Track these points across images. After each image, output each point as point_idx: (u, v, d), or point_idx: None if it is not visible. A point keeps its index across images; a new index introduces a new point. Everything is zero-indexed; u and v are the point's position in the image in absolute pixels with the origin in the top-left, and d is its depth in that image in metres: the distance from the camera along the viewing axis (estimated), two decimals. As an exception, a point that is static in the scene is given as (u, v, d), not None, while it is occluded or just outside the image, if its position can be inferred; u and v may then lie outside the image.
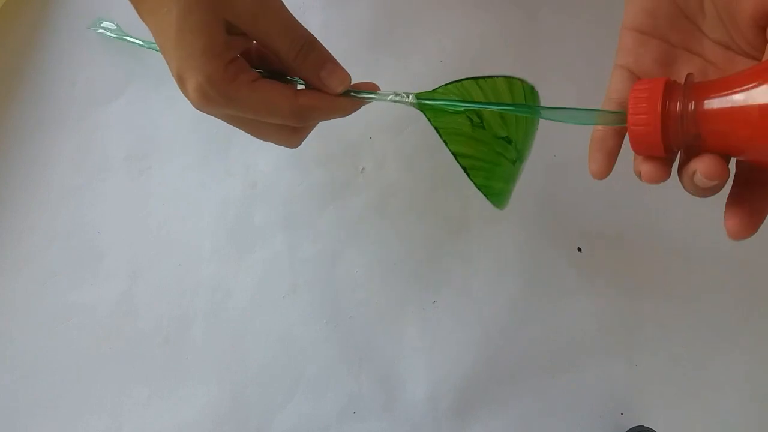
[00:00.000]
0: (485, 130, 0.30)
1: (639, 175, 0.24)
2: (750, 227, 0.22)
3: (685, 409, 0.43)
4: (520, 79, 0.31)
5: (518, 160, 0.32)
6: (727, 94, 0.20)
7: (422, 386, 0.44)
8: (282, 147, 0.34)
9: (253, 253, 0.46)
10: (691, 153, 0.22)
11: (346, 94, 0.30)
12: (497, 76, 0.30)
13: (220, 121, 0.31)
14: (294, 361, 0.44)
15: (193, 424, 0.43)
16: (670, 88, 0.22)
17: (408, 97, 0.29)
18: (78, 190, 0.47)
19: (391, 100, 0.30)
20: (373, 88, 0.31)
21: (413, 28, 0.50)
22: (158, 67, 0.50)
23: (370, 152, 0.48)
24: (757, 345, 0.44)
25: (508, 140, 0.31)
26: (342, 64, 0.30)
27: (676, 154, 0.23)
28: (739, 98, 0.19)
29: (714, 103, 0.20)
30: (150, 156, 0.48)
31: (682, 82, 0.22)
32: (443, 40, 0.50)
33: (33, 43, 0.51)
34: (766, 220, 0.23)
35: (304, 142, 0.34)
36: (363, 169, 0.47)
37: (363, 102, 0.31)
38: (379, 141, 0.48)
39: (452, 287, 0.45)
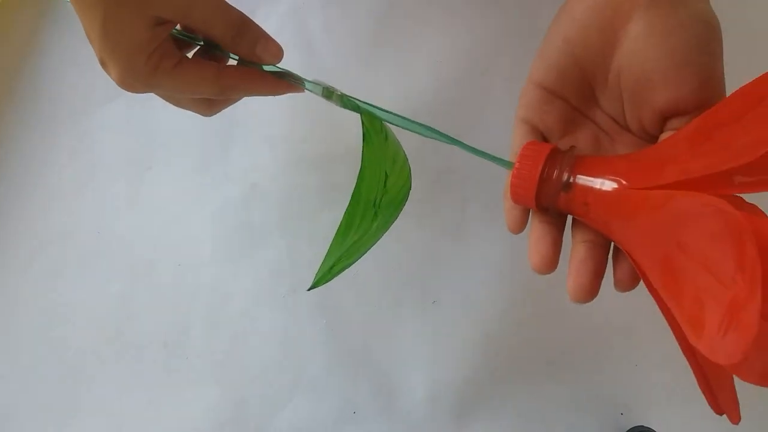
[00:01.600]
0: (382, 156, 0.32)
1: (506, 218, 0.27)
2: (593, 291, 0.24)
3: (685, 409, 0.43)
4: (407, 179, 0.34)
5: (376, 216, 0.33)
6: (595, 177, 0.23)
7: (422, 386, 0.44)
8: (278, 150, 0.34)
9: (252, 254, 0.46)
10: (559, 210, 0.25)
11: (276, 75, 0.31)
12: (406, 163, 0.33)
13: (221, 123, 0.31)
14: (294, 362, 0.44)
15: (193, 425, 0.43)
16: (552, 156, 0.24)
17: (335, 92, 0.31)
18: (78, 190, 0.47)
19: (314, 90, 0.31)
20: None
21: (413, 28, 0.50)
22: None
23: (370, 152, 0.48)
24: (757, 345, 0.44)
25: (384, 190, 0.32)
26: (342, 64, 0.30)
27: (546, 208, 0.26)
28: (600, 184, 0.23)
29: (583, 181, 0.23)
30: (150, 157, 0.48)
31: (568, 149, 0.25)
32: (442, 39, 0.50)
33: (33, 43, 0.51)
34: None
35: (304, 143, 0.34)
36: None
37: (290, 86, 0.31)
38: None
39: (452, 287, 0.45)
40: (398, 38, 0.50)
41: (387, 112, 0.31)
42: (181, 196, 0.47)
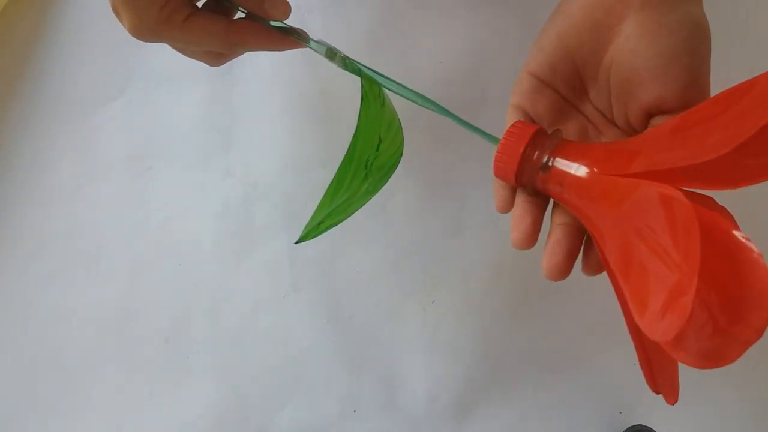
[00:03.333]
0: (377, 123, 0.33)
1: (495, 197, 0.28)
2: (565, 270, 0.25)
3: (685, 409, 0.43)
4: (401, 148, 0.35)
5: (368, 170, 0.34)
6: (571, 161, 0.24)
7: (422, 386, 0.44)
8: (279, 149, 0.35)
9: (253, 253, 0.46)
10: (537, 189, 0.26)
11: (282, 30, 0.32)
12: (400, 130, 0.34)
13: (221, 121, 0.32)
14: (294, 361, 0.44)
15: (193, 424, 0.43)
16: (536, 136, 0.25)
17: (338, 54, 0.32)
18: (78, 190, 0.48)
19: (318, 49, 0.32)
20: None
21: (413, 29, 0.50)
22: (158, 67, 0.50)
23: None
24: (757, 344, 0.44)
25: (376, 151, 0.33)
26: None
27: (526, 186, 0.27)
28: (575, 168, 0.24)
29: (560, 163, 0.25)
30: (150, 156, 0.48)
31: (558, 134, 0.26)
32: (442, 40, 0.50)
33: (33, 43, 0.51)
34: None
35: (303, 143, 0.34)
36: (363, 169, 0.47)
37: (295, 43, 0.32)
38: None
39: (452, 287, 0.45)
40: (398, 38, 0.50)
41: (387, 78, 0.32)
42: (182, 196, 0.47)
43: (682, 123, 0.22)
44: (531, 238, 0.27)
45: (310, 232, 0.33)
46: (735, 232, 0.19)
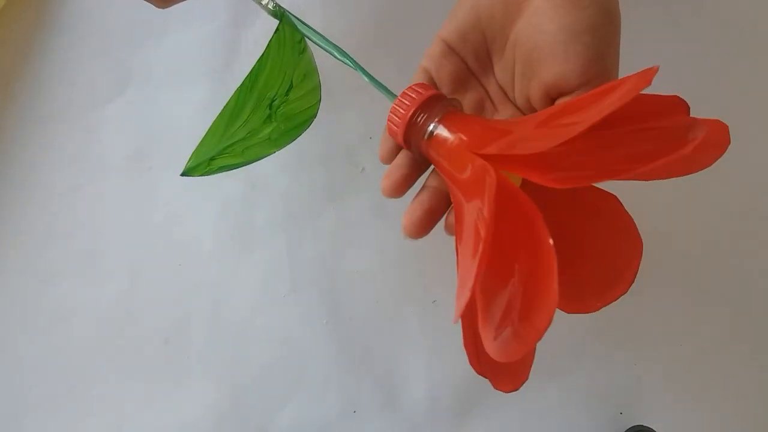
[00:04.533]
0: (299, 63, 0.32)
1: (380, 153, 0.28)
2: (422, 229, 0.26)
3: (685, 409, 0.43)
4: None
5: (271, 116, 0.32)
6: (451, 132, 0.25)
7: (422, 386, 0.44)
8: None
9: (253, 253, 0.46)
10: (422, 155, 0.27)
11: None
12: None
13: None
14: (294, 361, 0.44)
15: (193, 424, 0.43)
16: (429, 101, 0.26)
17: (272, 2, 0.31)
18: (78, 190, 0.47)
19: None
20: None
21: (413, 29, 0.50)
22: (158, 67, 0.50)
23: (370, 152, 0.48)
24: (757, 344, 0.44)
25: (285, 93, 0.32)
26: (342, 64, 0.31)
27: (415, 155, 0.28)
28: (451, 140, 0.24)
29: (441, 133, 0.25)
30: (150, 156, 0.48)
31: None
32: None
33: (33, 43, 0.50)
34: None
35: (303, 143, 0.34)
36: (363, 169, 0.47)
37: None
38: (379, 141, 0.48)
39: (452, 287, 0.45)
40: (398, 38, 0.50)
41: (316, 32, 0.32)
42: (182, 196, 0.47)
43: (559, 111, 0.22)
44: (399, 189, 0.28)
45: (199, 166, 0.31)
46: (539, 225, 0.19)
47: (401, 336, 0.45)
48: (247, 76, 0.29)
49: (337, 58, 0.31)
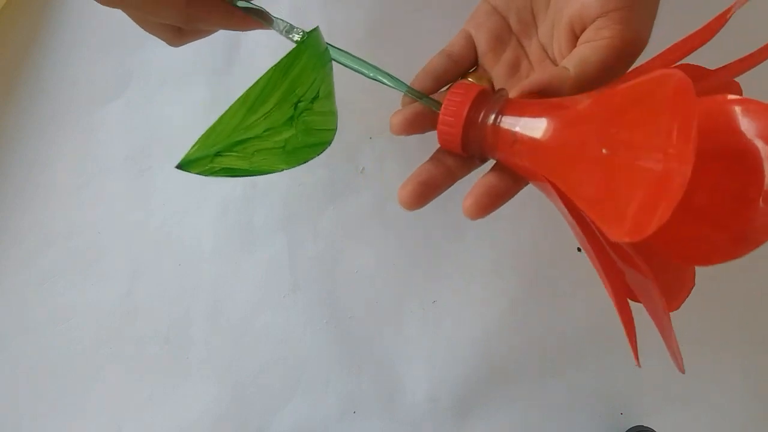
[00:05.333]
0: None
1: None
2: (484, 210, 0.26)
3: (685, 409, 0.43)
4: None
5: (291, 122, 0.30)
6: (524, 113, 0.23)
7: (422, 386, 0.44)
8: None
9: (253, 253, 0.46)
10: (483, 152, 0.26)
11: (246, 10, 0.30)
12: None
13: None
14: (294, 361, 0.44)
15: (193, 424, 0.43)
16: (480, 97, 0.24)
17: (295, 29, 0.30)
18: (78, 190, 0.47)
19: (282, 28, 0.30)
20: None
21: (413, 29, 0.50)
22: (159, 66, 0.50)
23: (370, 152, 0.48)
24: (757, 345, 0.44)
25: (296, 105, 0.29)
26: (342, 65, 0.30)
27: (476, 155, 0.26)
28: (529, 117, 0.23)
29: (509, 124, 0.23)
30: (150, 156, 0.48)
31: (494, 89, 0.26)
32: (442, 40, 0.50)
33: (33, 43, 0.50)
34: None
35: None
36: (363, 169, 0.47)
37: (257, 23, 0.31)
38: (379, 141, 0.48)
39: (452, 287, 0.45)
40: (398, 38, 0.50)
41: (346, 53, 0.30)
42: (182, 196, 0.47)
43: (599, 98, 0.21)
44: (421, 200, 0.27)
45: (201, 161, 0.27)
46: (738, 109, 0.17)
47: (401, 336, 0.44)
48: (285, 57, 0.26)
49: (369, 77, 0.30)
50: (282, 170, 0.31)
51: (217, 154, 0.27)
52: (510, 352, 0.44)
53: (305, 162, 0.32)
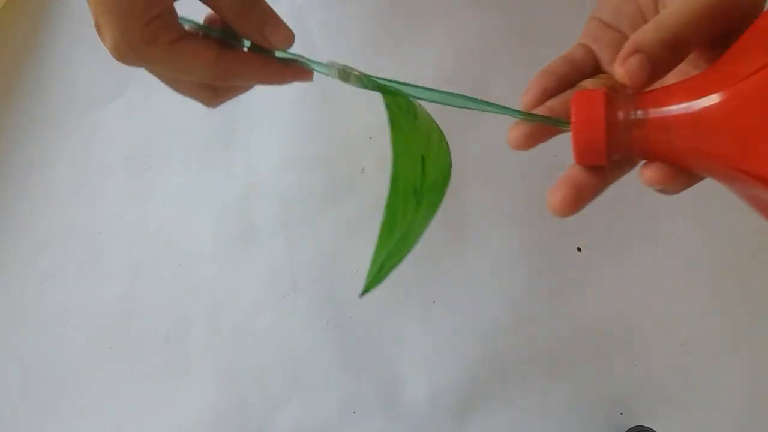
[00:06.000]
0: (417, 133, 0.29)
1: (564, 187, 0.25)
2: (574, 206, 0.24)
3: (685, 409, 0.43)
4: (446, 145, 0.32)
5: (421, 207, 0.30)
6: (669, 102, 0.21)
7: (422, 386, 0.44)
8: (279, 149, 0.34)
9: (253, 253, 0.46)
10: (631, 160, 0.24)
11: (285, 61, 0.29)
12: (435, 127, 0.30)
13: (221, 122, 0.31)
14: (294, 361, 0.44)
15: (193, 424, 0.43)
16: (609, 99, 0.23)
17: (352, 73, 0.28)
18: (78, 191, 0.47)
19: (328, 73, 0.28)
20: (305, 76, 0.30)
21: (412, 28, 0.50)
22: (158, 67, 0.50)
23: (370, 152, 0.48)
24: (757, 345, 0.44)
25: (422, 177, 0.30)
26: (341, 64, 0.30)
27: (613, 164, 0.24)
28: (678, 104, 0.21)
29: (657, 113, 0.22)
30: (150, 156, 0.48)
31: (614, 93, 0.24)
32: (442, 39, 0.50)
33: (33, 43, 0.50)
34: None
35: (303, 143, 0.34)
36: (363, 169, 0.47)
37: (297, 75, 0.29)
38: (379, 141, 0.48)
39: (452, 287, 0.45)
40: (398, 38, 0.50)
41: (414, 86, 0.28)
42: (182, 196, 0.47)
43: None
44: (575, 206, 0.25)
45: (373, 281, 0.30)
46: None
47: (401, 337, 0.44)
48: (390, 187, 0.27)
49: (455, 106, 0.29)
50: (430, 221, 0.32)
51: (381, 268, 0.29)
52: (510, 352, 0.44)
53: (444, 193, 0.32)
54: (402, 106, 0.29)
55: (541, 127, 0.26)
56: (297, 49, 0.37)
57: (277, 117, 0.48)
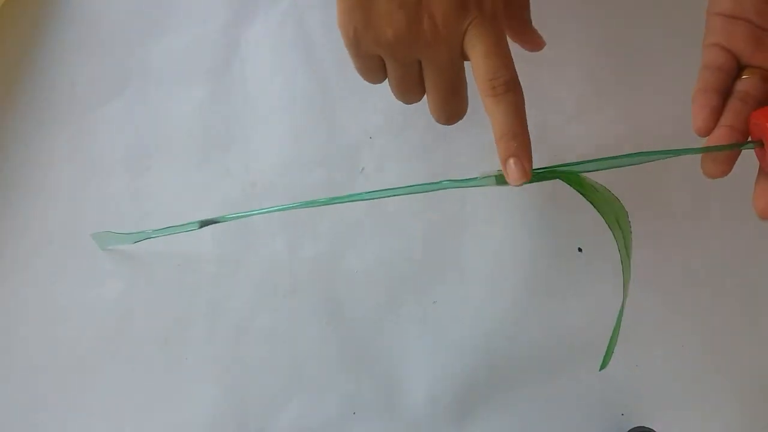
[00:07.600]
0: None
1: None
2: None
3: (686, 410, 0.43)
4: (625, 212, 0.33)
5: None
6: None
7: (422, 386, 0.43)
8: (279, 148, 0.33)
9: (253, 253, 0.46)
10: None
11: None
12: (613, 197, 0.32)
13: (221, 121, 0.31)
14: (294, 361, 0.44)
15: (193, 425, 0.43)
16: None
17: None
18: (77, 190, 0.47)
19: (487, 183, 0.31)
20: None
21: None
22: (158, 66, 0.50)
23: (370, 152, 0.48)
24: (758, 345, 0.44)
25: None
26: (342, 64, 0.30)
27: None
28: None
29: None
30: (150, 156, 0.48)
31: None
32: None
33: (33, 43, 0.50)
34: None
35: (303, 143, 0.34)
36: (363, 169, 0.47)
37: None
38: (379, 141, 0.48)
39: (452, 287, 0.45)
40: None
41: (576, 163, 0.30)
42: (181, 196, 0.47)
43: None
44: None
45: (609, 356, 0.34)
46: None
47: (401, 336, 0.44)
48: (622, 263, 0.31)
49: (633, 164, 0.30)
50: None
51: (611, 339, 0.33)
52: (510, 352, 0.44)
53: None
54: (579, 182, 0.31)
55: (729, 153, 0.26)
56: (298, 49, 0.37)
57: (277, 117, 0.48)
